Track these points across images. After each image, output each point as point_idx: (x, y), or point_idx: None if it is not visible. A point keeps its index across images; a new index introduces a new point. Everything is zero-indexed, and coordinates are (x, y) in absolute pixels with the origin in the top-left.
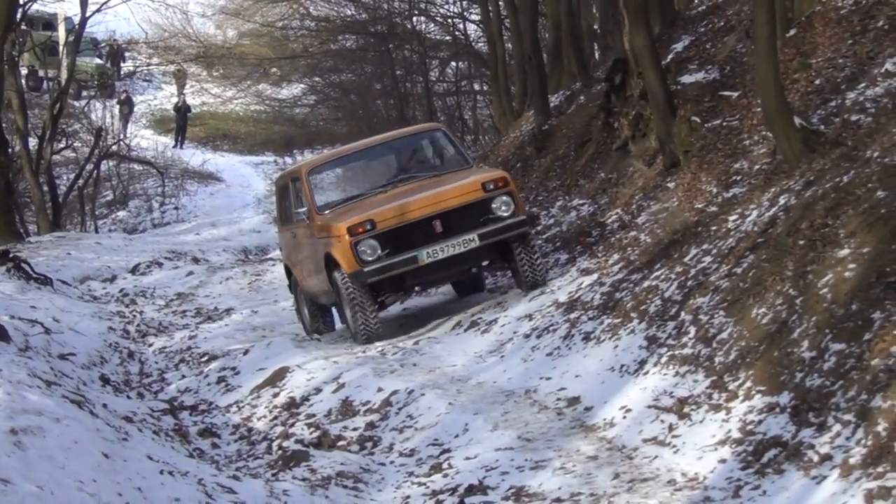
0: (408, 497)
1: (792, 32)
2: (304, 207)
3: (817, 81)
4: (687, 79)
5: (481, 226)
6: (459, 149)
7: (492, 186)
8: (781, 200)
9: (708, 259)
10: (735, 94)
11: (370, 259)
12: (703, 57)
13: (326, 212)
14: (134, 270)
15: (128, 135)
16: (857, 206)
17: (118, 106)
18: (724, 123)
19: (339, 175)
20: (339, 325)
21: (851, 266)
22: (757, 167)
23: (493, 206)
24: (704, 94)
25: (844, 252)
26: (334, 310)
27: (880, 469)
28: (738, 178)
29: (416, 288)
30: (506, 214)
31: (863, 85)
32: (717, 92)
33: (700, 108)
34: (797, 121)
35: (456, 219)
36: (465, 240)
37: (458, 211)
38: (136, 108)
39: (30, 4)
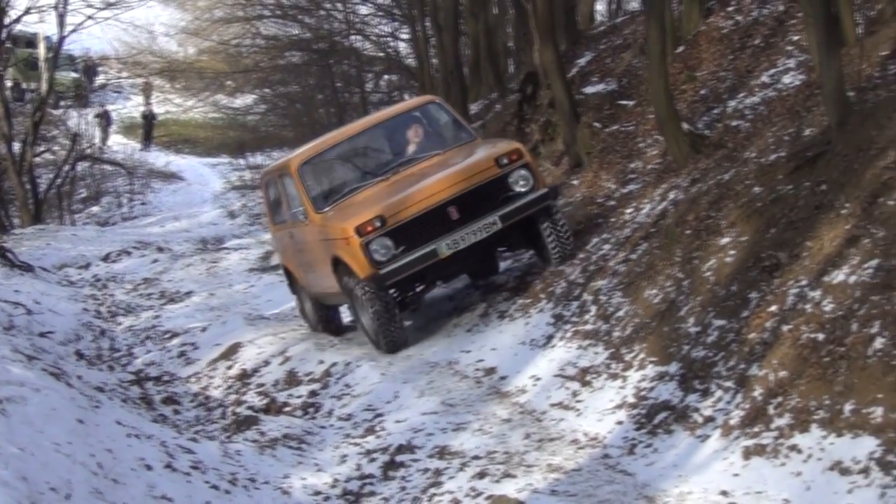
0: (345, 456)
1: (681, 49)
2: (300, 206)
3: (702, 92)
4: (589, 89)
5: (501, 205)
6: (460, 121)
7: (506, 161)
8: (671, 195)
9: (607, 247)
10: (631, 103)
11: (385, 259)
12: (603, 70)
13: (326, 209)
14: (106, 258)
15: (108, 144)
16: (737, 199)
17: (97, 119)
18: (622, 129)
19: (333, 165)
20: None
21: (731, 252)
22: (650, 167)
23: (511, 181)
24: (604, 103)
25: (725, 240)
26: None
27: (756, 429)
28: (634, 176)
29: (439, 282)
30: (525, 189)
31: (742, 94)
32: (615, 101)
33: (600, 115)
34: (685, 126)
35: (473, 202)
36: (487, 224)
37: (474, 193)
38: (111, 115)
39: (13, 25)
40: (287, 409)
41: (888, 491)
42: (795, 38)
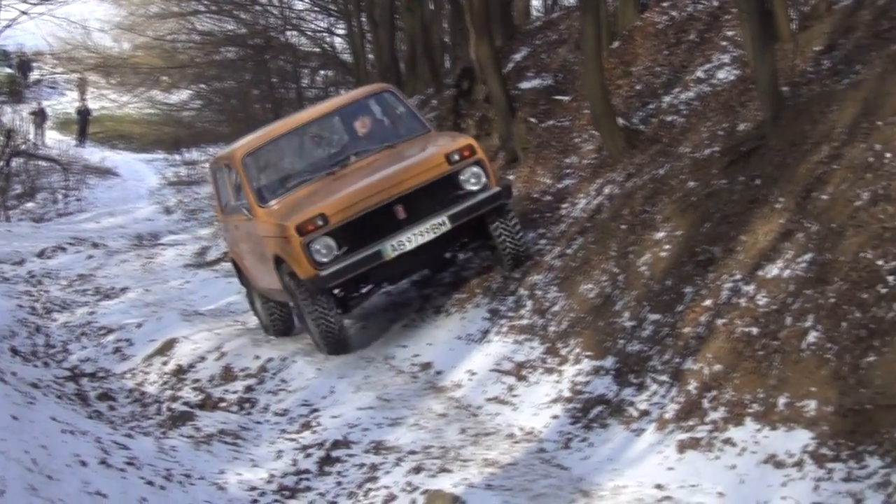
0: (281, 451)
1: (616, 44)
2: (244, 199)
3: (637, 87)
4: (525, 85)
5: (451, 204)
6: (414, 112)
7: (457, 157)
8: (606, 190)
9: (543, 242)
10: (567, 98)
11: (326, 260)
12: (538, 66)
13: (271, 203)
14: (41, 254)
15: (45, 142)
16: (672, 194)
17: (32, 116)
18: (557, 124)
19: (280, 157)
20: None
21: (666, 247)
22: (585, 162)
23: (462, 178)
24: (540, 98)
25: (660, 235)
26: None
27: (691, 422)
28: (569, 171)
29: (386, 283)
30: (477, 188)
31: (677, 90)
32: (551, 96)
33: (536, 110)
34: (620, 121)
35: (420, 200)
36: (434, 224)
37: (422, 191)
38: (46, 110)
39: None
40: (223, 404)
41: (822, 484)
42: (730, 33)
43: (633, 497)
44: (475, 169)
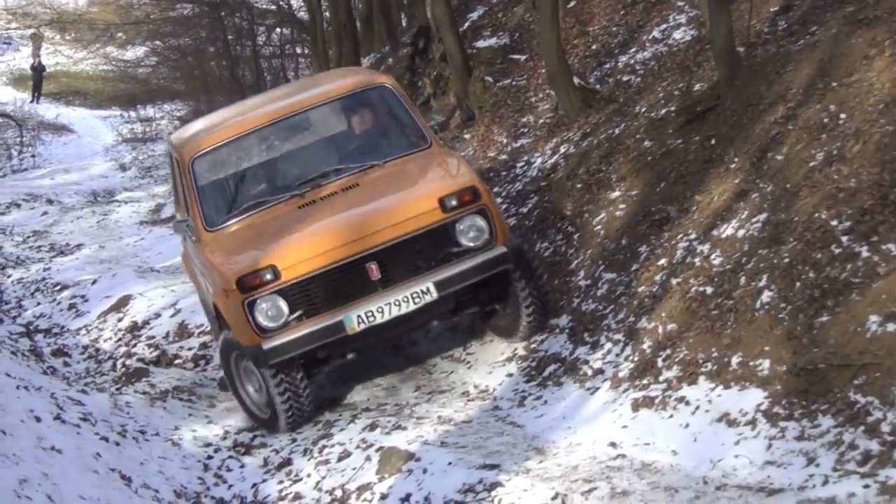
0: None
1: (572, 3)
2: (188, 214)
3: (594, 46)
4: (481, 43)
5: (441, 264)
6: (414, 116)
7: (454, 203)
8: (562, 149)
9: (498, 201)
10: (523, 58)
11: (273, 325)
12: (495, 24)
13: (220, 226)
14: None
15: None
16: (627, 154)
17: None
18: (514, 83)
19: (239, 162)
20: None
21: (622, 206)
22: (541, 121)
23: (459, 230)
24: (496, 57)
25: (616, 194)
26: None
27: (645, 381)
28: (525, 130)
29: (350, 354)
30: (476, 244)
31: (633, 50)
32: (507, 55)
33: (493, 69)
34: (576, 80)
35: (401, 257)
36: (416, 293)
37: (405, 245)
38: None
39: None
40: (178, 361)
41: (775, 442)
42: None
43: (587, 455)
44: (477, 220)
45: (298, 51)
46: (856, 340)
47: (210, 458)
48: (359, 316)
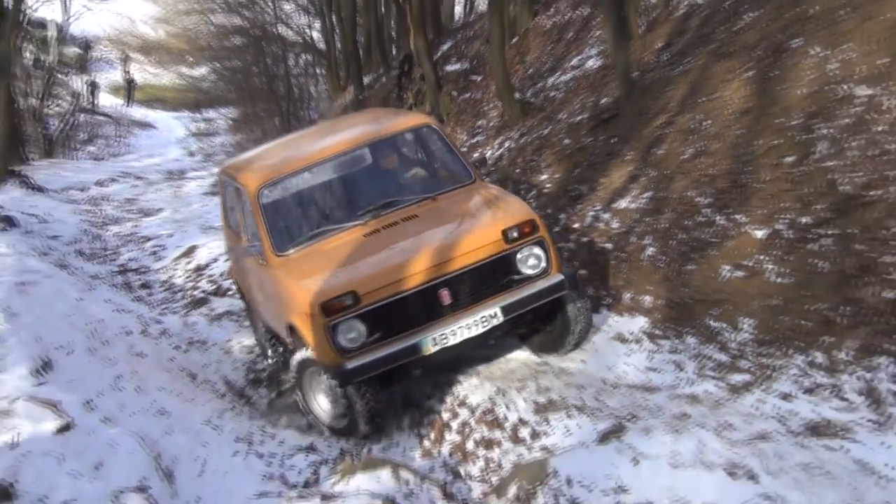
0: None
1: (515, 40)
2: (257, 240)
3: (530, 71)
4: (449, 67)
5: (503, 291)
6: (457, 154)
7: (516, 234)
8: (506, 144)
9: None
10: (479, 78)
11: (353, 346)
12: (459, 54)
13: (289, 252)
14: (99, 184)
15: (98, 103)
16: (552, 148)
17: (88, 86)
18: (472, 96)
19: (300, 194)
20: None
21: (548, 185)
22: (491, 124)
23: (519, 259)
24: (460, 78)
25: (544, 176)
26: None
27: None
28: (480, 130)
29: (416, 371)
30: (533, 272)
31: (558, 73)
32: (468, 76)
33: (457, 86)
34: (517, 95)
35: (469, 284)
36: (485, 317)
37: (473, 272)
38: (99, 82)
39: (27, 14)
40: (229, 293)
41: (654, 355)
42: (597, 33)
43: (520, 363)
44: (536, 250)
45: (318, 71)
46: (712, 283)
47: (254, 362)
48: (433, 338)
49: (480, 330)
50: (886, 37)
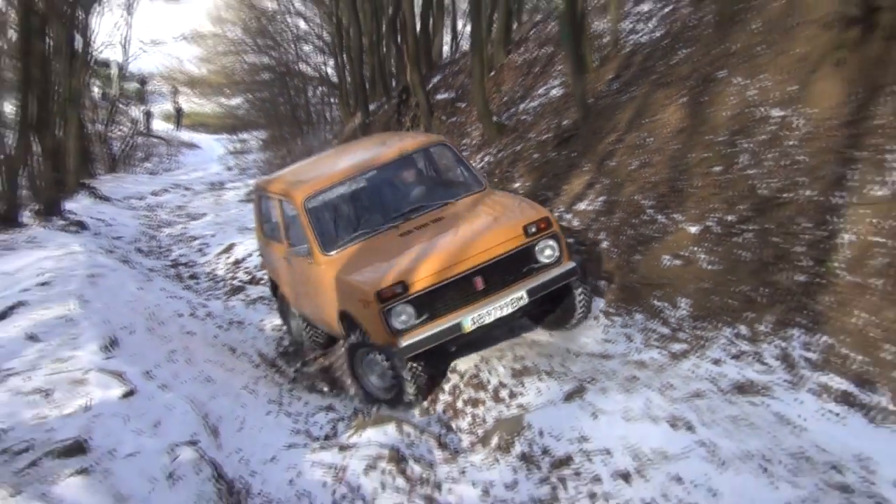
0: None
1: (492, 73)
2: (304, 243)
3: (505, 98)
4: (439, 96)
5: (525, 277)
6: (469, 166)
7: (534, 229)
8: (486, 159)
9: None
10: (463, 105)
11: (404, 328)
12: (447, 85)
13: (333, 252)
14: (154, 194)
15: (152, 128)
16: (524, 161)
17: (143, 114)
18: (457, 120)
19: (339, 203)
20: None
21: (520, 192)
22: (474, 142)
23: (537, 250)
24: (448, 105)
25: (517, 185)
26: None
27: None
28: (465, 147)
29: (452, 347)
30: (550, 261)
31: (528, 100)
32: (454, 104)
33: (446, 111)
34: (494, 118)
35: (498, 272)
36: (514, 299)
37: (501, 262)
38: (153, 111)
39: (94, 55)
40: (262, 281)
41: (609, 329)
42: (559, 67)
43: (499, 335)
44: (551, 242)
45: (332, 100)
46: (656, 270)
47: (281, 337)
48: (472, 318)
49: (510, 310)
50: (795, 68)
